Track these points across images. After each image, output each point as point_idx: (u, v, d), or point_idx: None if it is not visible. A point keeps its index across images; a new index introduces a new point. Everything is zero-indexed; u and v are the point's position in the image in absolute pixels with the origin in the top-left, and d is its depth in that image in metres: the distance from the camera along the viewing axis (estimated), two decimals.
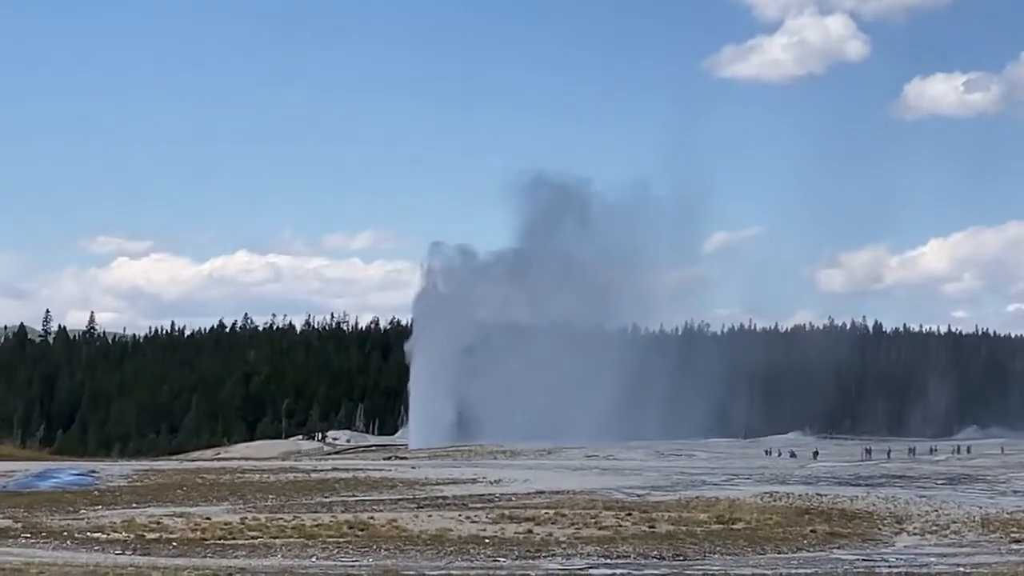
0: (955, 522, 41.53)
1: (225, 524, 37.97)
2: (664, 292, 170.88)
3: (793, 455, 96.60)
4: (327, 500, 47.69)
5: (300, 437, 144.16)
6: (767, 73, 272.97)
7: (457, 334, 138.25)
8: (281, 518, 39.55)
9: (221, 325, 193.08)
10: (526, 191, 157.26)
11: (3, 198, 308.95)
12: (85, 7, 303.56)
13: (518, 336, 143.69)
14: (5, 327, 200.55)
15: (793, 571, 30.14)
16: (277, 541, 35.40)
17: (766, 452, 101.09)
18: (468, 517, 40.44)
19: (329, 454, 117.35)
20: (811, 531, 38.84)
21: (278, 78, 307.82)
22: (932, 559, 33.47)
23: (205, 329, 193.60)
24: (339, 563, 31.56)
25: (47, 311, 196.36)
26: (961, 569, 29.50)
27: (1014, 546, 36.52)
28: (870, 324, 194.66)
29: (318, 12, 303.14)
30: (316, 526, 37.80)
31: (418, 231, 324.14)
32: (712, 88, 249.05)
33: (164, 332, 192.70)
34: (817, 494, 49.32)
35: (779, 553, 35.18)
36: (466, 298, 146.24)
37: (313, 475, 61.14)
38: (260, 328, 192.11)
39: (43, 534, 36.26)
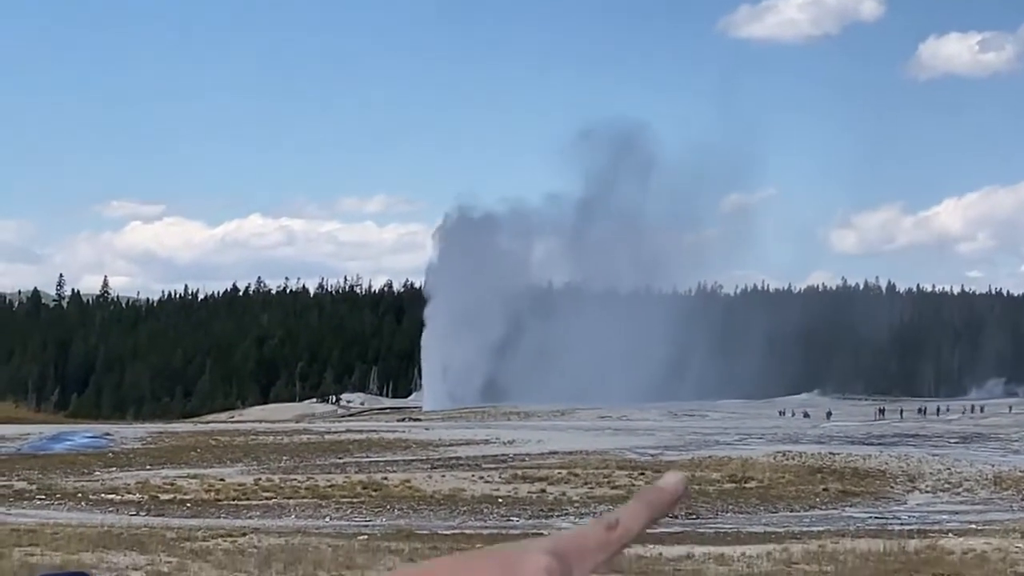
0: (967, 480, 41.55)
1: (239, 485, 38.11)
2: (679, 253, 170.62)
3: (807, 415, 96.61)
4: (341, 461, 47.81)
5: (314, 400, 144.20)
6: (782, 33, 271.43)
7: (473, 296, 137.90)
8: (295, 479, 39.67)
9: (234, 289, 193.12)
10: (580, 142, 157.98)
11: (16, 163, 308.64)
12: None
13: (540, 299, 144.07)
14: (19, 292, 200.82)
15: (806, 528, 30.19)
16: (291, 502, 35.54)
17: (780, 413, 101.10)
18: (481, 477, 40.54)
19: (343, 417, 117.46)
20: (823, 489, 38.90)
21: (291, 39, 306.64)
22: (944, 516, 33.51)
23: (219, 293, 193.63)
24: (352, 523, 31.67)
25: (61, 276, 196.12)
26: (973, 526, 29.52)
27: None
28: (883, 285, 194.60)
29: None
30: (330, 487, 37.93)
31: (432, 194, 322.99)
32: (727, 48, 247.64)
33: (178, 296, 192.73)
34: (830, 453, 49.36)
35: (791, 511, 35.25)
36: (484, 259, 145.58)
37: (327, 437, 61.29)
38: (273, 291, 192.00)
39: (58, 496, 36.43)
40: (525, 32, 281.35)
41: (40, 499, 35.84)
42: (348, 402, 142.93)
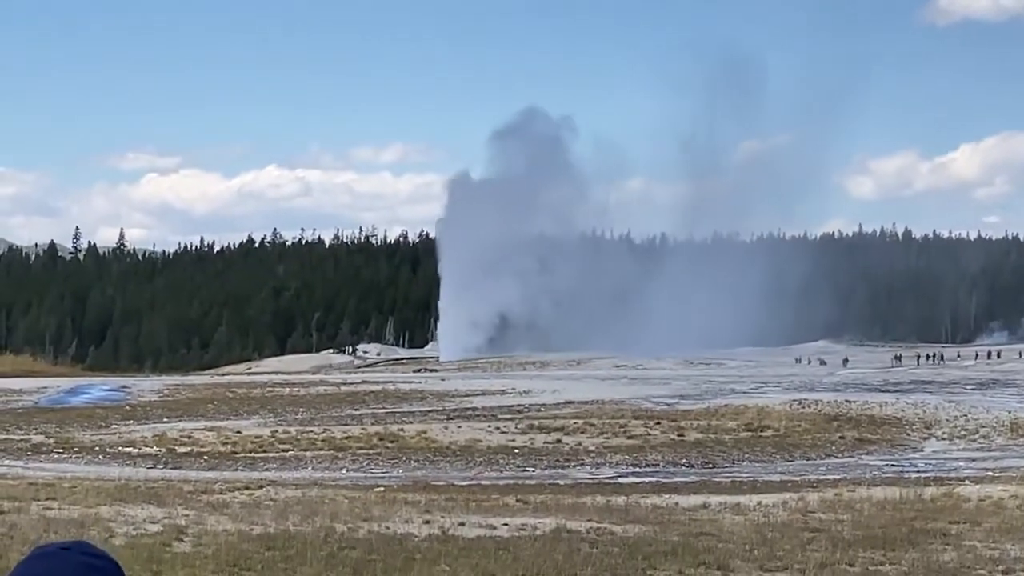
0: (983, 427, 41.54)
1: (256, 437, 38.20)
2: (695, 202, 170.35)
3: (823, 363, 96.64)
4: (357, 413, 47.90)
5: (330, 351, 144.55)
6: None
7: (481, 248, 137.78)
8: (311, 431, 39.76)
9: (250, 240, 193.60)
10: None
11: (33, 116, 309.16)
12: None
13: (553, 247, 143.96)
14: (36, 244, 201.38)
15: (822, 477, 30.20)
16: (307, 453, 35.62)
17: (796, 360, 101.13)
18: (497, 428, 40.61)
19: (359, 367, 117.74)
20: (840, 437, 38.92)
21: None
22: (960, 463, 33.52)
23: (234, 244, 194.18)
24: (369, 474, 31.74)
25: (77, 228, 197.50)
26: (989, 473, 29.51)
27: None
28: (900, 231, 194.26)
29: None
30: (346, 438, 37.99)
31: (448, 144, 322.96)
32: None
33: (194, 248, 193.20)
34: (846, 401, 49.37)
35: (808, 460, 35.27)
36: (486, 215, 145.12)
37: (343, 388, 61.41)
38: (289, 243, 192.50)
39: (75, 449, 36.54)
40: None
41: (58, 452, 35.95)
42: (364, 352, 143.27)
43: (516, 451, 36.11)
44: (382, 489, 25.78)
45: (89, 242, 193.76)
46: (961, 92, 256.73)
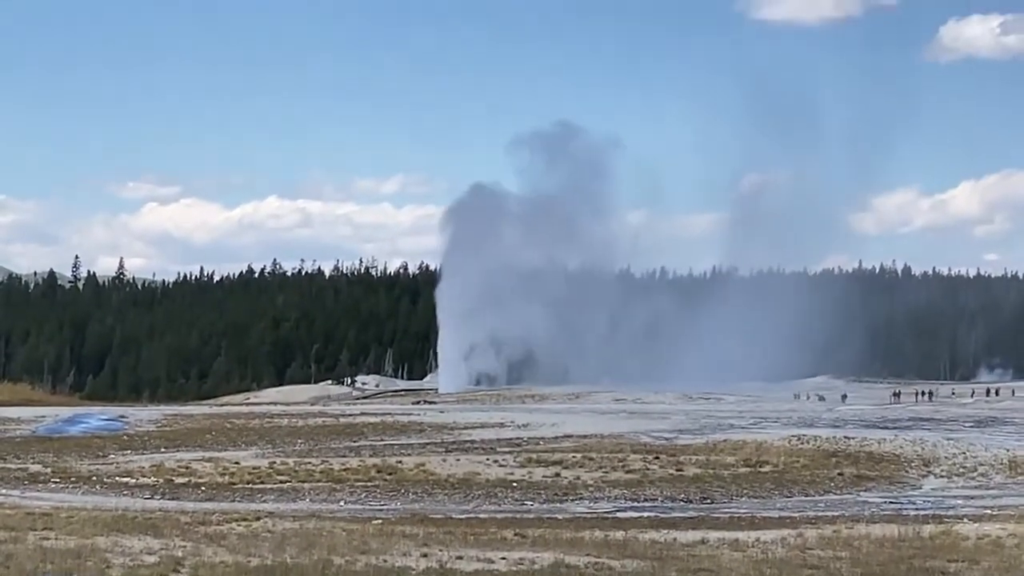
0: (982, 464, 41.49)
1: (254, 468, 38.16)
2: (694, 235, 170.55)
3: (821, 398, 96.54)
4: (355, 444, 47.83)
5: (329, 382, 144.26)
6: (803, 15, 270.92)
7: (486, 275, 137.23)
8: (309, 462, 39.71)
9: (250, 270, 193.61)
10: (552, 140, 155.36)
11: (34, 145, 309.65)
12: None
13: (550, 280, 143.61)
14: (35, 273, 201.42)
15: (820, 513, 30.18)
16: (305, 485, 35.58)
17: (795, 396, 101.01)
18: (496, 461, 40.55)
19: (358, 399, 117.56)
20: (838, 474, 38.87)
21: (308, 20, 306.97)
22: (959, 501, 33.49)
23: (234, 274, 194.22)
24: (367, 507, 31.72)
25: (76, 257, 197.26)
26: (988, 511, 29.48)
27: None
28: (899, 267, 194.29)
29: None
30: (344, 470, 37.97)
31: (449, 175, 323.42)
32: (746, 29, 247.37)
33: (193, 277, 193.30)
34: (845, 437, 49.30)
35: (806, 496, 35.24)
36: (495, 239, 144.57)
37: (341, 419, 61.30)
38: (289, 273, 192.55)
39: (72, 479, 36.50)
40: (544, 8, 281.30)
41: (55, 482, 35.91)
42: (363, 384, 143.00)
43: (514, 484, 36.06)
44: (380, 522, 25.74)
45: (89, 271, 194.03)
46: (962, 129, 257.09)
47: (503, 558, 17.78)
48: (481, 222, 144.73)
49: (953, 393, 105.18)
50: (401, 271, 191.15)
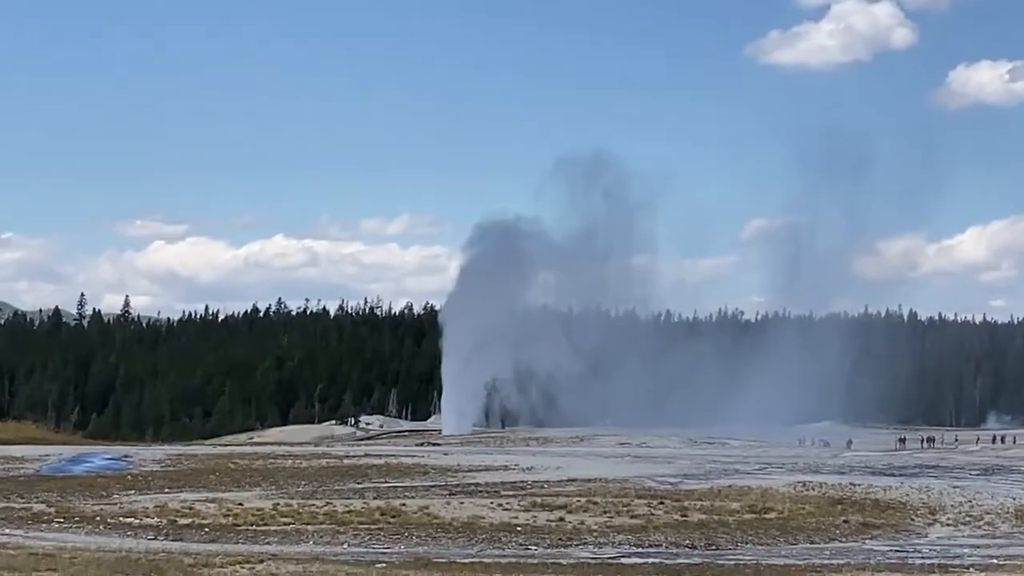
0: (988, 513, 41.33)
1: (257, 510, 38.05)
2: (699, 279, 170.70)
3: (827, 444, 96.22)
4: (359, 486, 47.69)
5: (333, 422, 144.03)
6: (812, 59, 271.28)
7: (493, 317, 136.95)
8: (313, 504, 39.60)
9: (255, 309, 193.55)
10: (573, 173, 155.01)
11: (41, 182, 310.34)
12: None
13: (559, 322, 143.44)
14: (40, 310, 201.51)
15: (826, 561, 30.05)
16: (309, 527, 35.47)
17: (799, 441, 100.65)
18: (500, 504, 40.43)
19: (362, 439, 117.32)
20: (844, 521, 38.71)
21: (316, 61, 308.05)
22: (965, 550, 33.35)
23: (239, 313, 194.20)
24: (371, 550, 31.62)
25: (82, 294, 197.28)
26: (994, 560, 29.35)
27: None
28: (905, 313, 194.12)
29: None
30: (348, 512, 37.86)
31: (456, 216, 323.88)
32: (756, 74, 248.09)
33: (198, 316, 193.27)
34: (850, 484, 49.10)
35: (812, 543, 35.09)
36: (502, 281, 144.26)
37: (345, 461, 61.17)
38: (293, 312, 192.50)
39: (76, 519, 36.41)
40: (553, 53, 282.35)
41: (58, 522, 35.82)
42: (367, 424, 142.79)
43: (518, 528, 35.94)
44: (383, 565, 25.68)
45: (94, 308, 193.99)
46: (970, 175, 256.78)
47: None
48: (491, 262, 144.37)
49: (956, 440, 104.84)
50: (406, 311, 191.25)
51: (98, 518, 36.56)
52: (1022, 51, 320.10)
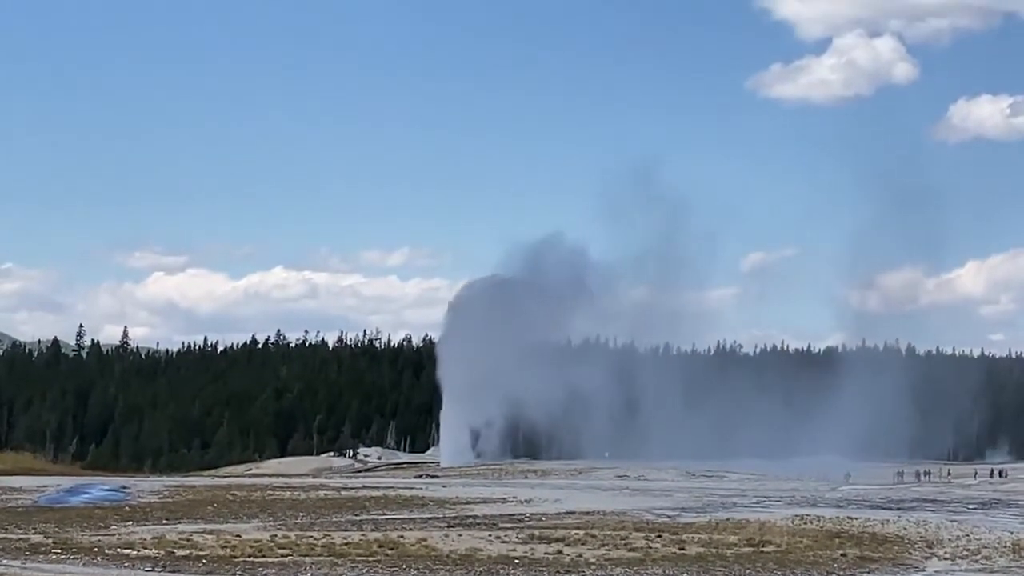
0: (986, 547, 41.29)
1: (255, 542, 38.04)
2: (698, 312, 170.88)
3: (826, 478, 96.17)
4: (357, 518, 47.73)
5: (331, 454, 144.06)
6: (814, 94, 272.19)
7: (491, 351, 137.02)
8: (311, 536, 39.60)
9: (254, 341, 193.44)
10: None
11: (41, 213, 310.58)
12: (119, 17, 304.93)
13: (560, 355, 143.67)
14: (39, 341, 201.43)
15: None
16: (307, 559, 35.44)
17: (797, 476, 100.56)
18: (498, 537, 40.42)
19: (360, 471, 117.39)
20: (841, 555, 38.68)
21: (317, 92, 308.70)
22: None
23: (238, 345, 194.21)
24: None
25: (81, 325, 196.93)
26: None
27: None
28: (903, 346, 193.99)
29: (352, 20, 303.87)
30: (346, 544, 37.85)
31: (455, 249, 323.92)
32: (756, 107, 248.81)
33: (197, 347, 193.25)
34: (848, 517, 49.13)
35: None
36: (498, 314, 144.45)
37: (344, 492, 61.22)
38: (292, 344, 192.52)
39: (74, 550, 36.40)
40: (551, 87, 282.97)
41: (56, 553, 35.81)
42: (365, 456, 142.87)
43: (516, 561, 35.93)
44: None
45: (93, 339, 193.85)
46: (970, 209, 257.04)
47: None
48: (489, 298, 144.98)
49: (949, 473, 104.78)
50: (405, 343, 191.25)
51: (96, 549, 36.55)
52: (1023, 86, 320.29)
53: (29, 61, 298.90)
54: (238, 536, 39.20)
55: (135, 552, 36.20)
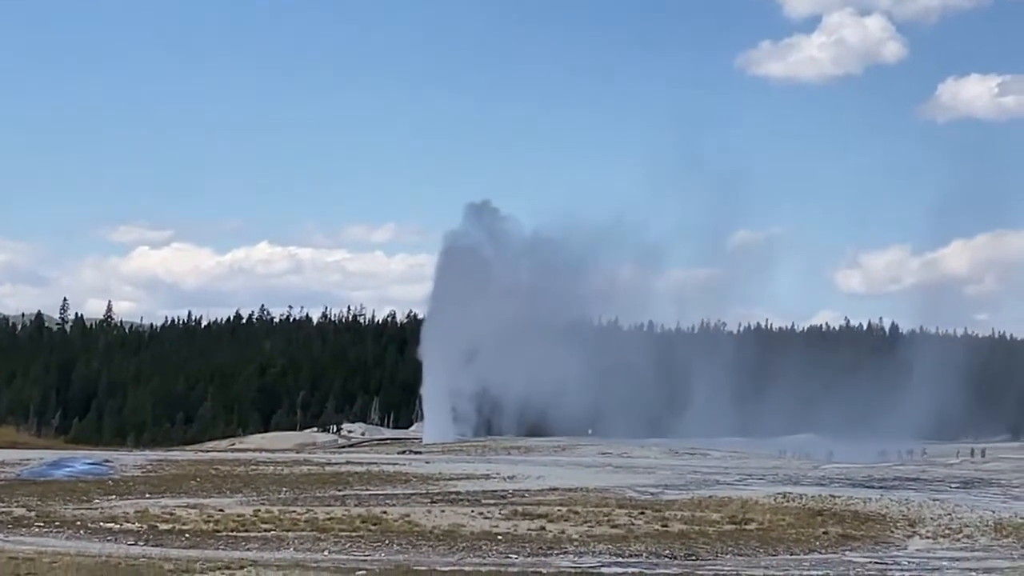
0: (968, 526, 41.44)
1: (238, 516, 38.08)
2: (684, 290, 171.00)
3: (807, 456, 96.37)
4: (340, 493, 47.76)
5: (315, 429, 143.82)
6: (803, 72, 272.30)
7: (475, 323, 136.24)
8: (294, 511, 39.63)
9: (238, 316, 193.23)
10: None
11: (26, 186, 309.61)
12: None
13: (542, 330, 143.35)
14: (23, 314, 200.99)
15: (805, 573, 30.16)
16: (290, 534, 35.49)
17: (780, 453, 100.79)
18: (481, 513, 40.48)
19: (343, 446, 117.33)
20: (824, 533, 38.83)
21: (303, 67, 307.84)
22: (944, 563, 33.45)
23: (222, 320, 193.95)
24: (351, 557, 31.65)
25: (64, 299, 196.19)
26: (973, 574, 29.46)
27: None
28: (887, 325, 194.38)
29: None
30: (329, 519, 37.89)
31: (442, 225, 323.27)
32: (745, 85, 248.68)
33: (181, 322, 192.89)
34: (831, 495, 49.22)
35: (791, 554, 35.18)
36: (484, 286, 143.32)
37: (327, 468, 61.23)
38: (276, 320, 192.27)
39: (56, 523, 36.41)
40: (536, 62, 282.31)
41: (39, 526, 35.81)
42: (349, 432, 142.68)
43: (499, 537, 35.99)
44: (364, 573, 25.72)
45: (77, 313, 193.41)
46: (956, 189, 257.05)
47: None
48: (473, 267, 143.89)
49: (924, 452, 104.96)
50: (389, 319, 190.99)
51: (78, 523, 36.55)
52: (1012, 65, 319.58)
53: (13, 33, 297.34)
54: (221, 510, 39.22)
55: (118, 526, 36.21)
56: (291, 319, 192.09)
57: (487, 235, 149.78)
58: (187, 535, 34.89)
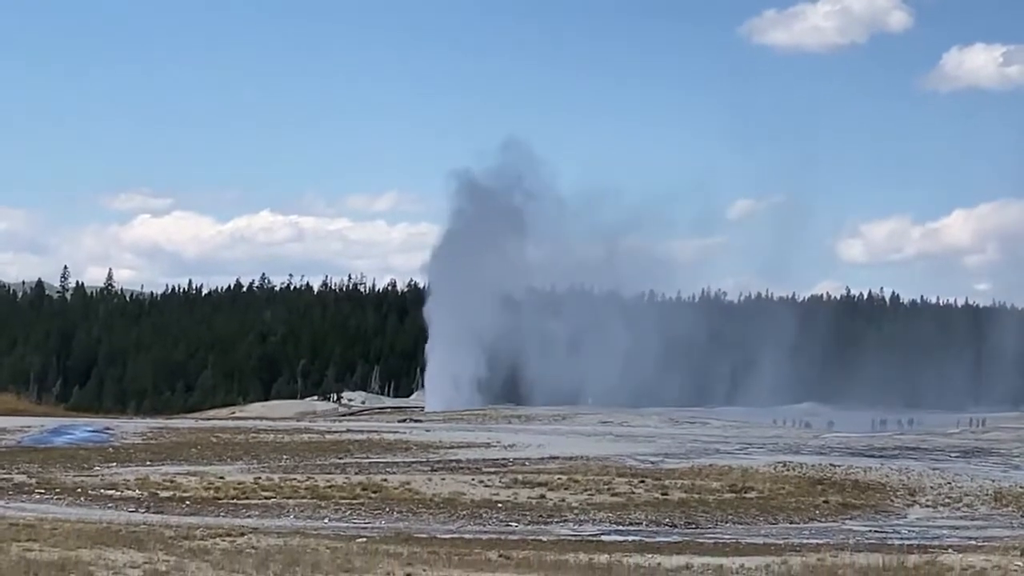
0: (968, 495, 41.48)
1: (239, 484, 38.12)
2: (683, 259, 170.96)
3: (808, 425, 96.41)
4: (341, 461, 47.79)
5: (315, 398, 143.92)
6: (808, 40, 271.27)
7: (481, 289, 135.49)
8: (294, 479, 39.68)
9: (238, 284, 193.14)
10: None
11: (27, 154, 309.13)
12: None
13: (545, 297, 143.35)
14: (24, 282, 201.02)
15: (805, 541, 30.17)
16: (290, 501, 35.54)
17: (781, 422, 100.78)
18: (481, 481, 40.54)
19: (344, 415, 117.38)
20: (824, 501, 38.87)
21: (305, 33, 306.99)
22: (944, 531, 33.50)
23: (222, 288, 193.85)
24: (351, 524, 31.69)
25: (65, 267, 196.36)
26: (973, 542, 29.48)
27: None
28: (888, 295, 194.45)
29: None
30: (329, 487, 37.93)
31: (444, 194, 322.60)
32: (749, 54, 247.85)
33: (181, 290, 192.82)
34: (830, 464, 49.24)
35: (791, 523, 35.24)
36: (491, 251, 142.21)
37: (327, 436, 61.26)
38: (277, 288, 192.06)
39: (57, 490, 36.44)
40: (538, 29, 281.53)
41: (39, 493, 35.86)
42: (349, 400, 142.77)
43: (499, 505, 36.04)
44: (364, 540, 25.71)
45: (77, 281, 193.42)
46: (959, 158, 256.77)
47: None
48: (477, 234, 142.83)
49: (912, 422, 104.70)
50: (389, 288, 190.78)
51: (79, 490, 36.59)
52: (1016, 35, 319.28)
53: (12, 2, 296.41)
54: (221, 478, 39.26)
55: (118, 493, 36.26)
56: (292, 288, 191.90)
57: (516, 181, 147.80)
58: (188, 502, 34.95)
